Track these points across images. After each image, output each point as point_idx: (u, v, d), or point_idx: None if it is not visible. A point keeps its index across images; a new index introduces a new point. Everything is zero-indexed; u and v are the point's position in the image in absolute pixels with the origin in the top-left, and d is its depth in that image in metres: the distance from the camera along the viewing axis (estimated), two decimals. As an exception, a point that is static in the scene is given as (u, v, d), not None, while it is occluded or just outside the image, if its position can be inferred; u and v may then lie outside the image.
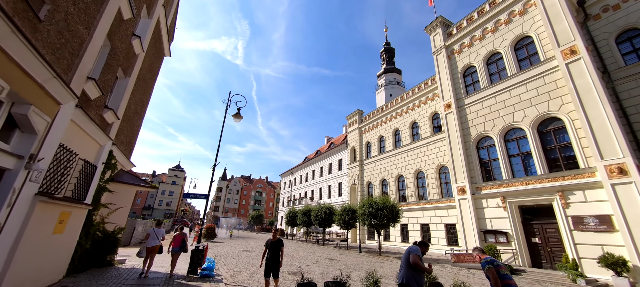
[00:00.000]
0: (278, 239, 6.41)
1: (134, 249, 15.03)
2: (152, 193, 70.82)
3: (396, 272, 10.49)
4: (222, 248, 17.74)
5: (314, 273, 9.82)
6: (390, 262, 14.82)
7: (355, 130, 34.84)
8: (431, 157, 23.87)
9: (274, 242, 6.38)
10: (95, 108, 6.87)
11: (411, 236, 24.21)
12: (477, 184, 16.51)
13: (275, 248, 6.34)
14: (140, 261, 10.65)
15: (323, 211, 25.79)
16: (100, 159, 7.71)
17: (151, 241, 8.00)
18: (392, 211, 18.44)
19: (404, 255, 4.34)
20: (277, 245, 6.36)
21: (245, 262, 11.97)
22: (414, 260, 4.08)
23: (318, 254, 17.18)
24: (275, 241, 6.38)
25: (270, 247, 6.36)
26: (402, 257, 4.38)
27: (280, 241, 6.40)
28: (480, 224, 15.91)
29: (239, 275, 9.07)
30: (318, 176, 42.78)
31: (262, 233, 47.30)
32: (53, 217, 5.81)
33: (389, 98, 48.98)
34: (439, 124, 24.11)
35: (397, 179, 27.35)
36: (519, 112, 15.04)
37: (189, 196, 10.00)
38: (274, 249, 6.33)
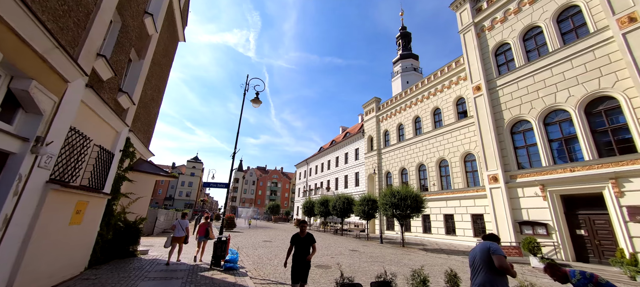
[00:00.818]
0: (308, 235, 5.08)
1: (157, 239, 14.99)
2: (172, 184, 72.86)
3: (432, 266, 9.67)
4: (242, 238, 17.49)
5: (341, 265, 9.17)
6: (417, 254, 13.96)
7: (373, 118, 33.61)
8: (456, 144, 22.48)
9: (302, 238, 5.02)
10: (108, 91, 6.34)
11: (433, 226, 23.17)
12: (512, 172, 15.17)
13: (304, 246, 4.97)
14: (164, 251, 10.41)
15: (341, 201, 25.12)
16: (117, 146, 7.25)
17: (177, 232, 8.26)
18: (415, 201, 17.48)
19: (480, 254, 3.45)
20: (307, 242, 5.00)
21: (268, 253, 11.49)
22: (501, 263, 3.21)
23: (340, 245, 16.56)
24: (305, 237, 5.03)
25: (298, 245, 4.98)
26: (476, 257, 3.51)
27: (311, 237, 5.07)
28: (515, 214, 14.66)
29: (263, 267, 8.54)
30: (334, 166, 42.06)
31: (279, 223, 47.52)
32: (69, 208, 5.37)
33: (405, 85, 47.05)
34: (464, 109, 22.56)
35: (417, 168, 26.14)
36: (563, 92, 13.46)
37: (209, 185, 9.52)
38: (303, 248, 4.96)
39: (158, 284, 6.06)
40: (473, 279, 3.48)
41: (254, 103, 10.07)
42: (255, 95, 10.04)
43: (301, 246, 4.99)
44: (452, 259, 12.64)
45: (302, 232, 5.12)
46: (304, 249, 4.97)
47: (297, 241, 5.03)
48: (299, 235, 5.09)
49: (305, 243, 5.02)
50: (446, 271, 5.30)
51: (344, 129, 49.85)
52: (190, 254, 10.12)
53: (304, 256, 4.92)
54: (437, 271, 9.43)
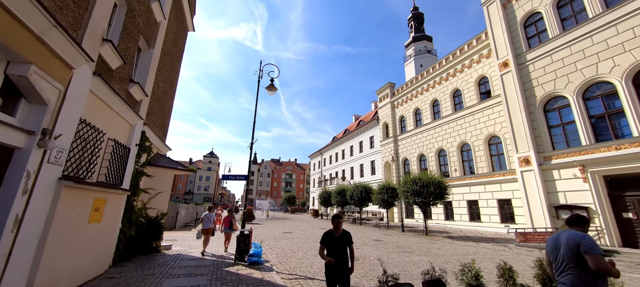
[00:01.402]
0: (344, 232, 3.88)
1: (179, 233, 15.03)
2: (191, 179, 74.73)
3: (464, 255, 8.94)
4: (262, 230, 17.34)
5: (368, 256, 8.67)
6: (443, 242, 13.24)
7: (387, 104, 32.46)
8: (479, 127, 21.21)
9: (338, 237, 3.82)
10: (118, 81, 5.94)
11: (456, 213, 22.25)
12: (546, 153, 13.99)
13: (340, 248, 3.76)
14: (187, 245, 10.29)
15: (359, 190, 24.55)
16: (133, 140, 6.92)
17: (205, 224, 9.08)
18: (438, 188, 16.64)
19: (567, 249, 2.70)
20: (344, 241, 3.82)
21: (290, 245, 11.15)
22: (599, 265, 2.48)
23: (362, 234, 16.07)
24: (341, 235, 3.84)
25: (332, 246, 3.78)
26: (560, 249, 2.79)
27: (348, 236, 3.89)
28: (550, 198, 13.58)
29: (287, 261, 8.15)
30: (348, 156, 41.39)
31: (296, 214, 47.72)
32: (86, 205, 5.07)
33: (419, 69, 45.14)
34: (487, 89, 21.14)
35: (437, 154, 25.07)
36: (606, 62, 12.07)
37: (228, 177, 9.16)
38: (339, 250, 3.75)
39: (183, 281, 5.75)
40: (558, 275, 2.80)
41: (269, 90, 9.52)
42: (270, 82, 9.47)
43: (337, 248, 3.74)
44: (482, 247, 11.86)
45: (337, 230, 3.84)
46: (341, 252, 3.74)
47: (331, 241, 3.78)
48: (333, 233, 3.83)
49: (341, 244, 3.77)
50: (499, 264, 4.64)
51: (357, 117, 48.79)
52: (214, 245, 9.92)
53: (341, 261, 3.71)
54: (475, 260, 8.73)
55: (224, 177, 9.09)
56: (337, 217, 3.95)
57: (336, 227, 3.89)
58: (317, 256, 8.87)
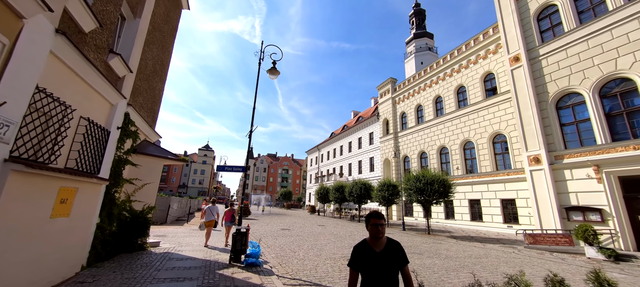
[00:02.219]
0: (392, 243, 2.31)
1: (170, 228, 14.07)
2: (185, 172, 73.27)
3: (477, 258, 8.14)
4: (259, 226, 16.46)
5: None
6: (448, 242, 12.53)
7: (388, 100, 31.67)
8: (483, 124, 20.57)
9: (380, 253, 2.21)
10: (95, 49, 4.96)
11: (457, 212, 21.67)
12: (557, 151, 13.34)
13: (386, 270, 2.17)
14: (177, 242, 9.38)
15: (358, 187, 23.81)
16: (114, 122, 5.95)
17: (208, 217, 9.37)
18: (443, 186, 15.94)
19: None
20: (392, 260, 2.20)
21: (290, 243, 10.30)
22: None
23: (363, 233, 15.30)
24: (386, 250, 2.23)
25: (373, 268, 2.18)
26: None
27: (398, 251, 2.26)
28: (561, 199, 12.95)
29: (288, 262, 7.30)
30: (347, 152, 40.61)
31: (292, 209, 46.91)
32: (48, 196, 4.12)
33: (420, 66, 44.39)
34: (493, 85, 20.47)
35: (439, 152, 24.41)
36: (626, 57, 11.38)
37: (224, 168, 8.24)
38: (385, 274, 2.17)
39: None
40: None
41: (271, 74, 8.58)
42: (272, 65, 8.53)
43: (380, 274, 2.16)
44: (490, 249, 11.18)
45: (376, 239, 2.26)
46: (389, 278, 2.17)
47: (369, 261, 2.19)
48: (370, 247, 2.25)
49: (386, 266, 2.17)
50: (547, 276, 3.86)
51: (356, 113, 47.98)
52: (214, 239, 9.03)
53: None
54: (489, 263, 7.99)
55: (220, 168, 8.18)
56: (376, 217, 2.27)
57: (376, 235, 2.23)
58: (320, 257, 8.05)
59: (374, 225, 2.27)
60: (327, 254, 8.46)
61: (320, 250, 9.16)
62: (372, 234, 2.29)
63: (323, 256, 8.16)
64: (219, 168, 8.15)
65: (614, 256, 9.65)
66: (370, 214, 2.36)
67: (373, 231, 2.27)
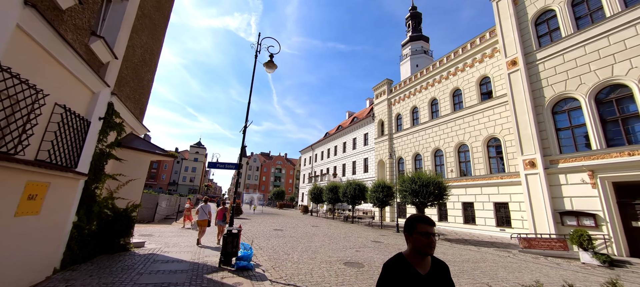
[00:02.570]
0: (438, 263, 1.64)
1: (157, 226, 13.46)
2: (176, 169, 71.69)
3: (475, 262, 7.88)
4: (250, 226, 15.97)
5: (373, 261, 7.55)
6: (443, 245, 12.35)
7: (384, 101, 31.55)
8: (478, 128, 20.59)
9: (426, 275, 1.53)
10: (73, 29, 4.46)
11: (450, 214, 21.65)
12: (552, 156, 13.33)
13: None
14: (164, 243, 8.87)
15: (353, 188, 23.54)
16: (96, 112, 5.44)
17: (201, 216, 9.30)
18: (438, 188, 15.80)
19: None
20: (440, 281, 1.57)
21: (283, 245, 9.88)
22: None
23: (357, 234, 15.01)
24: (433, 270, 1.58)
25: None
26: None
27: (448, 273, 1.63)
28: (555, 203, 12.94)
29: (282, 266, 6.90)
30: (341, 152, 40.36)
31: (284, 209, 46.37)
32: (11, 191, 3.63)
33: (415, 69, 44.56)
34: (488, 89, 20.52)
35: (433, 154, 24.38)
36: (622, 64, 11.43)
37: (216, 165, 7.78)
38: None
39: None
40: None
41: (268, 68, 8.17)
42: (269, 58, 8.13)
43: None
44: (485, 253, 11.04)
45: (422, 260, 1.57)
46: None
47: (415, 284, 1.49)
48: (413, 267, 1.55)
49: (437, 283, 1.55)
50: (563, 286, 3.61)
51: (351, 113, 47.82)
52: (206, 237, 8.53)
53: None
54: (488, 268, 7.77)
55: (211, 165, 7.71)
56: (427, 223, 1.58)
57: (425, 248, 1.54)
58: (314, 260, 7.68)
59: (425, 234, 1.51)
60: (322, 257, 8.10)
61: (314, 252, 8.80)
62: (421, 247, 1.51)
63: (318, 259, 7.79)
64: (211, 165, 7.69)
65: (609, 262, 9.61)
66: (416, 218, 1.60)
67: (423, 242, 1.50)
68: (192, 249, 8.18)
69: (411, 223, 1.63)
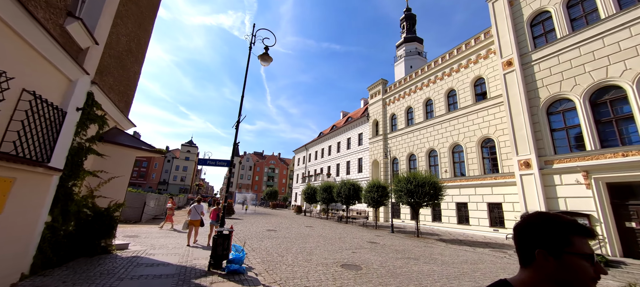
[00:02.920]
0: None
1: (144, 227, 12.84)
2: (166, 168, 70.05)
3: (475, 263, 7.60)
4: (242, 226, 15.47)
5: (370, 263, 7.23)
6: (438, 246, 12.16)
7: (379, 101, 31.43)
8: (472, 128, 20.62)
9: None
10: (46, 7, 3.97)
11: (444, 215, 21.62)
12: (547, 156, 13.34)
13: None
14: (150, 245, 8.35)
15: (347, 188, 23.26)
16: (73, 101, 4.95)
17: (193, 216, 8.88)
18: (433, 188, 15.66)
19: None
20: None
21: (277, 246, 9.48)
22: None
23: (352, 234, 14.71)
24: None
25: None
26: None
27: None
28: (550, 204, 12.93)
29: (276, 269, 6.51)
30: (335, 152, 40.08)
31: (277, 209, 45.79)
32: (-33, 187, 3.16)
33: (409, 70, 44.66)
34: (483, 90, 20.57)
35: (428, 154, 24.34)
36: (617, 65, 11.48)
37: (206, 162, 7.30)
38: None
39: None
40: None
41: (263, 60, 7.77)
42: (264, 51, 7.73)
43: None
44: (481, 253, 10.89)
45: None
46: None
47: None
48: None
49: None
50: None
51: (345, 113, 47.63)
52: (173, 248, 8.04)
53: None
54: (487, 270, 7.56)
55: (202, 162, 7.21)
56: (585, 234, 0.87)
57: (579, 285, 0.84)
58: (310, 262, 7.32)
59: (589, 258, 0.84)
60: (317, 259, 7.74)
61: (309, 254, 8.43)
62: (580, 283, 0.83)
63: (314, 262, 7.44)
64: (201, 162, 7.21)
65: (604, 262, 9.58)
66: (569, 226, 0.88)
67: (586, 275, 0.83)
68: (180, 250, 7.71)
69: (559, 233, 0.87)
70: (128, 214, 14.07)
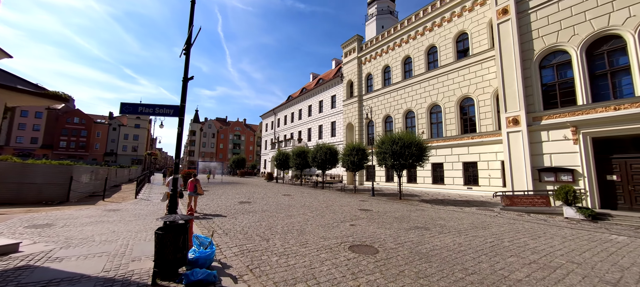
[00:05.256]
0: None
1: (72, 209, 9.56)
2: (112, 137, 60.90)
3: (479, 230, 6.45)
4: (209, 199, 12.89)
5: (381, 240, 5.53)
6: (427, 208, 11.22)
7: (353, 60, 29.05)
8: (452, 87, 19.75)
9: None
10: None
11: (419, 176, 21.43)
12: (536, 112, 12.77)
13: None
14: (63, 238, 5.53)
15: (323, 152, 21.48)
16: None
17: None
18: (420, 149, 14.58)
19: None
20: None
21: (257, 225, 7.32)
22: None
23: (338, 202, 13.16)
24: None
25: None
26: None
27: None
28: (535, 160, 12.64)
29: (265, 265, 4.40)
30: (306, 116, 37.65)
31: (246, 177, 43.08)
32: None
33: (380, 30, 42.28)
34: (465, 46, 19.41)
35: (404, 116, 23.38)
36: (621, 12, 10.62)
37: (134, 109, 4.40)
38: None
39: None
40: None
41: None
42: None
43: None
44: (470, 213, 10.12)
45: None
46: None
47: None
48: None
49: None
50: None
51: (315, 75, 44.51)
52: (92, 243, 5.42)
53: None
54: (507, 236, 6.46)
55: (125, 109, 4.31)
56: None
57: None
58: (307, 246, 5.36)
59: None
60: (315, 240, 5.83)
61: (301, 233, 6.49)
62: None
63: (312, 245, 5.50)
64: (124, 109, 4.31)
65: (592, 216, 9.40)
66: None
67: None
68: (112, 246, 5.11)
69: None
70: (48, 192, 10.49)
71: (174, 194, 4.17)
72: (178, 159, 4.29)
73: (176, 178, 4.26)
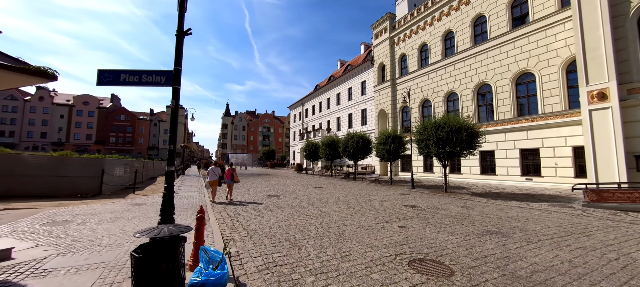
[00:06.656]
0: None
1: (100, 203, 9.33)
2: (154, 132, 65.22)
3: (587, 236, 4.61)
4: (237, 193, 12.20)
5: (450, 251, 4.00)
6: (488, 205, 9.18)
7: (385, 41, 26.62)
8: (506, 62, 16.82)
9: None
10: None
11: (464, 165, 18.91)
12: (633, 83, 9.87)
13: None
14: (69, 241, 4.85)
15: (355, 141, 19.90)
16: None
17: (211, 177, 9.62)
18: (470, 135, 12.37)
19: None
20: None
21: (286, 225, 6.16)
22: None
23: (376, 196, 11.64)
24: None
25: None
26: None
27: None
28: (631, 145, 9.84)
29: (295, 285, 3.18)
30: (335, 105, 36.07)
31: (276, 168, 43.13)
32: None
33: (412, 8, 38.62)
34: (523, 11, 16.29)
35: (445, 98, 20.77)
36: None
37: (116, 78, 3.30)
38: None
39: None
40: None
41: None
42: None
43: None
44: (540, 210, 7.90)
45: None
46: None
47: None
48: None
49: None
50: None
51: (343, 62, 42.47)
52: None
53: None
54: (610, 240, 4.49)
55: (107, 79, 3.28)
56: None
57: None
58: (350, 260, 4.01)
59: None
60: (359, 250, 4.46)
61: (341, 238, 5.16)
62: None
63: (355, 257, 4.14)
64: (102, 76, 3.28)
65: None
66: None
67: None
68: (115, 254, 4.26)
69: None
70: (82, 186, 10.48)
71: (169, 195, 3.06)
72: (174, 144, 3.16)
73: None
